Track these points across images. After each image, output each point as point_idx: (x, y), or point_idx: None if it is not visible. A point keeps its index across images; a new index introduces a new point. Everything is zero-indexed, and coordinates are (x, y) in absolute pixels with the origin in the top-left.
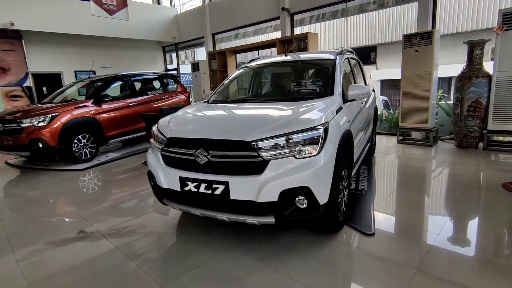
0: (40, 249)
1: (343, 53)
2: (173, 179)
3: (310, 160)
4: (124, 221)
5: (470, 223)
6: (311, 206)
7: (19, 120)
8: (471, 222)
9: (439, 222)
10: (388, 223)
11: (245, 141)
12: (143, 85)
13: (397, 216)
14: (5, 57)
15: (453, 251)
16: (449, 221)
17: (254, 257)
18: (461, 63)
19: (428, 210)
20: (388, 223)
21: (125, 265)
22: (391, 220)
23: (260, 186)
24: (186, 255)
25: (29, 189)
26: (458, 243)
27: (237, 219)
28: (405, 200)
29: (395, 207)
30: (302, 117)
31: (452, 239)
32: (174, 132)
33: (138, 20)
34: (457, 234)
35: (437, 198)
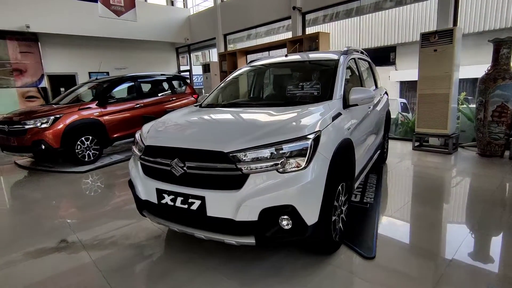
0: (14, 260)
1: (348, 53)
2: (151, 191)
3: (296, 174)
4: (110, 230)
5: (491, 246)
6: (296, 227)
7: (23, 121)
8: (492, 245)
9: (453, 244)
10: (393, 245)
11: (222, 152)
12: (150, 86)
13: (404, 236)
14: (22, 59)
15: (469, 282)
16: (465, 244)
17: (236, 280)
18: (487, 64)
19: (441, 230)
20: (393, 245)
21: (94, 281)
22: (397, 241)
23: (239, 203)
24: (163, 275)
25: (28, 191)
26: (476, 272)
27: (214, 238)
28: (416, 216)
29: (403, 225)
30: (290, 125)
31: (468, 268)
32: (152, 140)
33: (151, 22)
34: (475, 258)
35: (453, 215)
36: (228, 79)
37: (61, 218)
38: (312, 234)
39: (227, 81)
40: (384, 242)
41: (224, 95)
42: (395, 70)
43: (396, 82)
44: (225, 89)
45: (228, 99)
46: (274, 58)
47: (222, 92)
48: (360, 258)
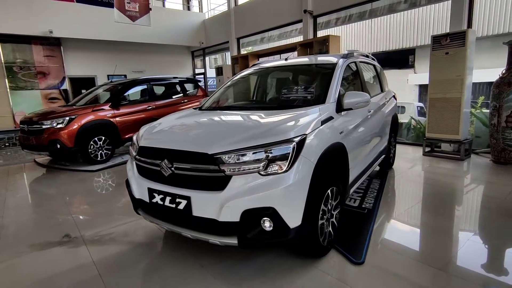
0: (21, 251)
1: (348, 57)
2: (143, 190)
3: (277, 177)
4: (111, 227)
5: (490, 254)
6: (278, 229)
7: (40, 121)
8: (491, 253)
9: (449, 254)
10: (385, 252)
11: (206, 154)
12: (162, 89)
13: (398, 243)
14: (45, 62)
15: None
16: (462, 251)
17: (222, 280)
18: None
19: (439, 237)
20: (385, 252)
21: (89, 276)
22: (390, 247)
23: (222, 203)
24: (154, 271)
25: (43, 187)
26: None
27: (200, 237)
28: (414, 224)
29: (399, 232)
30: (274, 129)
31: (462, 275)
32: (145, 141)
33: (167, 26)
34: (471, 266)
35: (455, 224)
36: (229, 82)
37: (68, 214)
38: (296, 237)
39: (227, 85)
40: (376, 248)
41: (223, 98)
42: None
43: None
44: (224, 92)
45: (226, 102)
46: (274, 61)
47: (222, 95)
48: (349, 263)
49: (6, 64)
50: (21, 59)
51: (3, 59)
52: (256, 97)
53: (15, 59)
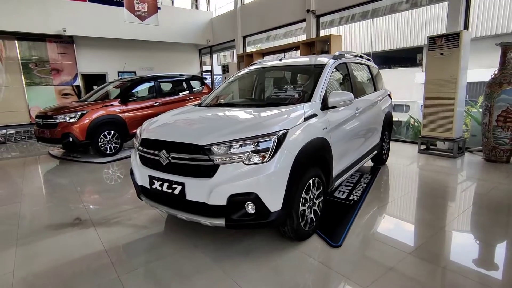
0: (37, 231)
1: (338, 57)
2: (145, 177)
3: (259, 166)
4: (116, 212)
5: (454, 243)
6: (260, 212)
7: (54, 116)
8: (456, 242)
9: (420, 241)
10: (361, 237)
11: (198, 145)
12: (169, 86)
13: (376, 231)
14: (59, 59)
15: (411, 276)
16: (431, 241)
17: (211, 257)
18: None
19: (414, 228)
20: (362, 237)
21: (96, 251)
22: (367, 234)
23: (211, 189)
24: (151, 248)
25: (57, 177)
26: (427, 269)
27: (193, 219)
28: (394, 215)
29: (378, 222)
30: (258, 124)
31: (421, 263)
32: (147, 134)
33: (176, 25)
34: (433, 256)
35: (432, 215)
36: (227, 81)
37: (78, 201)
38: (277, 220)
39: (225, 84)
40: (354, 235)
41: (221, 96)
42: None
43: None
44: (222, 91)
45: (223, 99)
46: (269, 62)
47: (219, 93)
48: (327, 246)
49: (22, 61)
50: (36, 56)
51: (20, 56)
52: (250, 95)
53: (31, 56)
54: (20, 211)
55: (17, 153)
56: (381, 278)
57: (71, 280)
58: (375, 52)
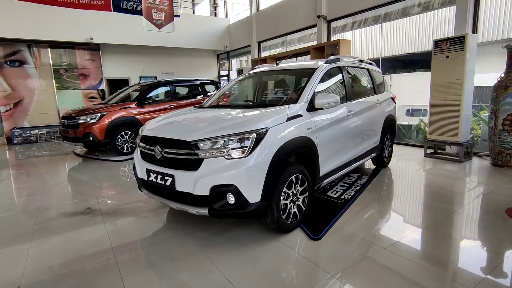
0: (53, 217)
1: (331, 62)
2: (143, 170)
3: (239, 161)
4: (124, 204)
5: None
6: (239, 202)
7: (77, 117)
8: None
9: (400, 236)
10: (342, 233)
11: (185, 141)
12: (184, 90)
13: (359, 227)
14: (86, 65)
15: (378, 270)
16: (406, 240)
17: (199, 244)
18: None
19: (398, 227)
20: (343, 232)
21: (99, 236)
22: (349, 230)
23: (196, 180)
24: (148, 235)
25: (77, 173)
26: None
27: (182, 208)
28: (380, 214)
29: (362, 220)
30: (241, 122)
31: (392, 255)
32: (146, 131)
33: (195, 31)
34: (403, 251)
35: (416, 216)
36: (228, 85)
37: (92, 193)
38: (256, 210)
39: (227, 87)
40: (336, 230)
41: (221, 98)
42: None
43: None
44: (223, 93)
45: (221, 101)
46: (267, 66)
47: (221, 95)
48: (308, 238)
49: (54, 67)
50: (66, 63)
51: (52, 63)
52: (247, 98)
53: (62, 62)
54: (41, 200)
55: (46, 151)
56: (351, 267)
57: (72, 256)
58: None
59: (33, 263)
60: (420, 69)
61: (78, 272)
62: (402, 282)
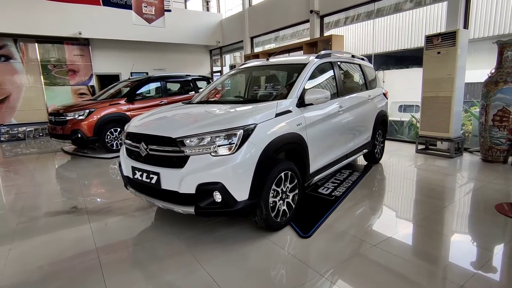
0: (37, 216)
1: (322, 57)
2: (129, 168)
3: (225, 158)
4: (111, 202)
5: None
6: (226, 201)
7: (65, 113)
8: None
9: (384, 234)
10: (332, 230)
11: (171, 138)
12: (175, 86)
13: (348, 224)
14: (75, 60)
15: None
16: (397, 236)
17: (185, 243)
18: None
19: (387, 223)
20: (333, 230)
21: (83, 235)
22: (339, 226)
23: (181, 178)
24: (134, 235)
25: (65, 170)
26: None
27: (167, 207)
28: (371, 210)
29: (352, 216)
30: (227, 118)
31: (382, 253)
32: (130, 127)
33: (187, 27)
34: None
35: (405, 211)
36: (218, 81)
37: (79, 191)
38: (243, 209)
39: (216, 83)
40: (326, 227)
41: (210, 93)
42: None
43: None
44: (213, 89)
45: (210, 97)
46: (257, 61)
47: (210, 91)
48: (297, 236)
49: (42, 63)
50: (54, 58)
51: (39, 58)
52: (237, 93)
53: (50, 58)
54: (26, 199)
55: (34, 149)
56: (341, 266)
57: (54, 257)
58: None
59: (13, 264)
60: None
61: (59, 273)
62: (392, 279)
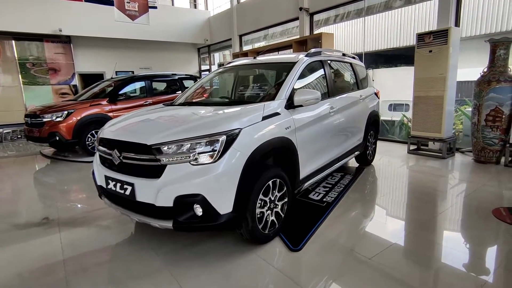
0: (3, 229)
1: (312, 55)
2: (102, 177)
3: (206, 167)
4: (86, 211)
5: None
6: (208, 214)
7: (41, 115)
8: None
9: (381, 245)
10: (324, 241)
11: (146, 144)
12: (161, 85)
13: (340, 233)
14: (56, 59)
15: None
16: (394, 247)
17: (164, 260)
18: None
19: (381, 232)
20: (325, 241)
21: (51, 251)
22: (331, 237)
23: (158, 190)
24: (108, 249)
25: (43, 175)
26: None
27: (144, 221)
28: (364, 217)
29: (345, 225)
30: (209, 123)
31: (379, 266)
32: (103, 133)
33: (174, 24)
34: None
35: (401, 219)
36: (202, 79)
37: (55, 199)
38: (227, 222)
39: (200, 83)
40: (318, 238)
41: (194, 94)
42: None
43: None
44: (196, 89)
45: (194, 98)
46: (244, 59)
47: (194, 92)
48: (287, 250)
49: (19, 61)
50: (33, 56)
51: (17, 56)
52: (222, 94)
53: (28, 56)
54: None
55: (12, 151)
56: (334, 283)
57: (13, 279)
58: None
59: None
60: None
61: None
62: None
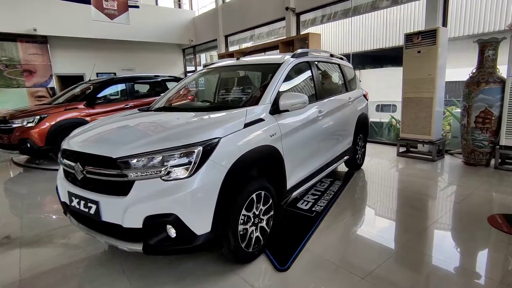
0: None
1: (299, 56)
2: (65, 193)
3: (180, 183)
4: (53, 228)
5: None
6: (182, 236)
7: (11, 120)
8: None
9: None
10: (313, 258)
11: (111, 158)
12: (143, 87)
13: (331, 249)
14: (32, 60)
15: None
16: (390, 261)
17: (135, 285)
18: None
19: (373, 246)
20: (314, 258)
21: (7, 278)
22: (321, 253)
23: (125, 209)
24: (73, 274)
25: (12, 185)
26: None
27: (111, 243)
28: (355, 229)
29: (336, 237)
30: (184, 131)
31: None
32: (66, 143)
33: (157, 24)
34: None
35: (393, 229)
36: (182, 82)
37: (21, 214)
38: (205, 244)
39: (180, 84)
40: (307, 254)
41: (172, 98)
42: None
43: None
44: (175, 93)
45: (171, 102)
46: (227, 60)
47: (172, 95)
48: (273, 269)
49: None
50: (6, 57)
51: None
52: (203, 97)
53: (1, 57)
54: None
55: None
56: None
57: None
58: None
59: None
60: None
61: None
62: None
